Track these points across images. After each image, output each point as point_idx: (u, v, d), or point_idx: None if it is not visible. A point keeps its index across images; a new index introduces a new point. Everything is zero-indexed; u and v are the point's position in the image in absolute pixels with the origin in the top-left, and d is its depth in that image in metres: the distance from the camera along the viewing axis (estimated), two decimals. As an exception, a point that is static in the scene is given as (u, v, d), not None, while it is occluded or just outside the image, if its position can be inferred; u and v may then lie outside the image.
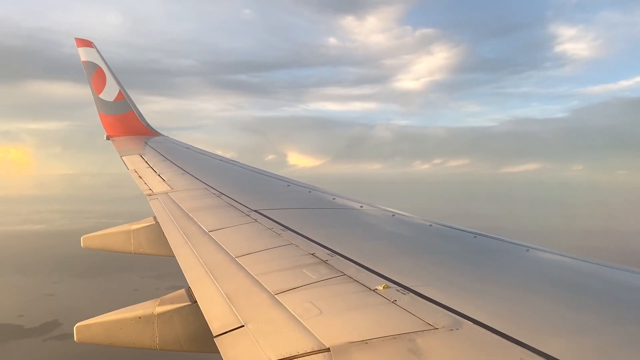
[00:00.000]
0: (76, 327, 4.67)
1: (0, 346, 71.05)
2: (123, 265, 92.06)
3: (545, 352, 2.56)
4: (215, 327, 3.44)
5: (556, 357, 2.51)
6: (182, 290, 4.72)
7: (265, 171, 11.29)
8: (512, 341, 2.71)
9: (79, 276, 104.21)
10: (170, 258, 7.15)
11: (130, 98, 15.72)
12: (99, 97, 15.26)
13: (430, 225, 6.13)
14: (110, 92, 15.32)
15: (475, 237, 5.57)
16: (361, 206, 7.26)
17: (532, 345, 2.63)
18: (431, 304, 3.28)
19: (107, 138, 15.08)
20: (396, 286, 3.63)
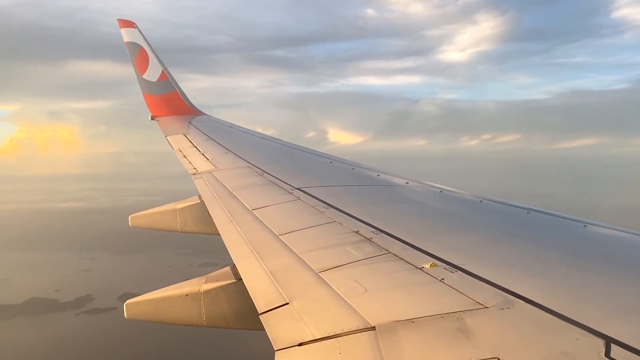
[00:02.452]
0: (126, 304, 4.86)
1: (36, 319, 76.66)
2: (159, 243, 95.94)
3: (604, 332, 2.46)
4: (260, 304, 3.50)
5: (615, 337, 2.41)
6: (227, 268, 4.81)
7: (307, 148, 11.31)
8: (567, 321, 2.61)
9: (116, 253, 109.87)
10: (205, 235, 7.38)
11: (173, 77, 16.01)
12: (143, 78, 15.60)
13: (481, 201, 5.98)
14: (153, 72, 15.63)
15: (528, 213, 5.40)
16: (407, 183, 7.17)
17: (589, 326, 2.53)
18: (481, 282, 3.21)
19: (152, 118, 15.45)
20: (444, 264, 3.57)
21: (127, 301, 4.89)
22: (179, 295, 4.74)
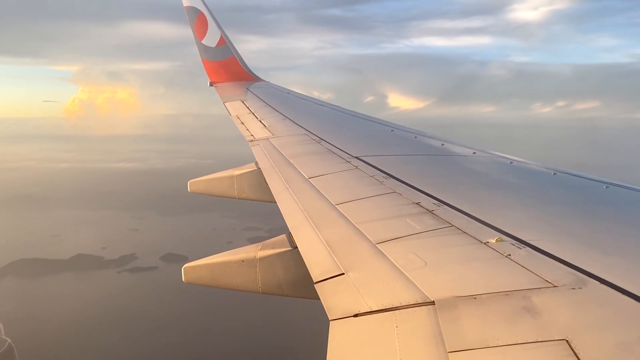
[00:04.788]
0: (184, 269, 5.08)
1: (81, 274, 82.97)
2: (206, 205, 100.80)
3: None
4: (315, 273, 3.55)
5: None
6: (283, 236, 4.90)
7: (367, 115, 11.21)
8: None
9: (164, 213, 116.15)
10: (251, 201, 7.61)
11: (232, 43, 16.19)
12: (202, 43, 15.87)
13: (554, 173, 5.74)
14: (212, 38, 15.87)
15: (607, 187, 5.13)
16: (473, 153, 6.98)
17: None
18: (551, 259, 3.10)
19: (211, 85, 15.78)
20: (511, 239, 3.47)
21: (185, 265, 5.10)
22: (235, 261, 4.89)
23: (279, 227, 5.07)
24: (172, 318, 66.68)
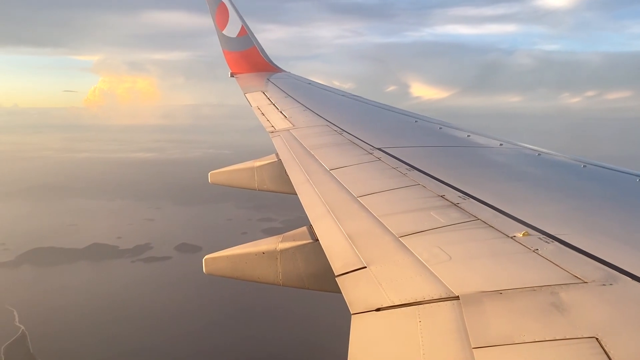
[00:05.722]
0: (205, 260, 5.14)
1: (95, 264, 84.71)
2: (223, 195, 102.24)
3: None
4: (337, 266, 3.56)
5: None
6: (304, 228, 4.92)
7: (390, 106, 11.15)
8: None
9: (180, 203, 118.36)
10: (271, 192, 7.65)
11: (253, 33, 16.24)
12: (223, 34, 15.95)
13: (584, 166, 5.65)
14: (233, 28, 15.93)
15: (639, 180, 5.03)
16: (500, 144, 6.90)
17: None
18: (580, 254, 3.06)
19: (231, 75, 15.86)
20: (539, 234, 3.43)
21: (206, 256, 5.17)
22: (256, 252, 4.94)
23: (295, 218, 5.10)
24: (185, 308, 67.65)
